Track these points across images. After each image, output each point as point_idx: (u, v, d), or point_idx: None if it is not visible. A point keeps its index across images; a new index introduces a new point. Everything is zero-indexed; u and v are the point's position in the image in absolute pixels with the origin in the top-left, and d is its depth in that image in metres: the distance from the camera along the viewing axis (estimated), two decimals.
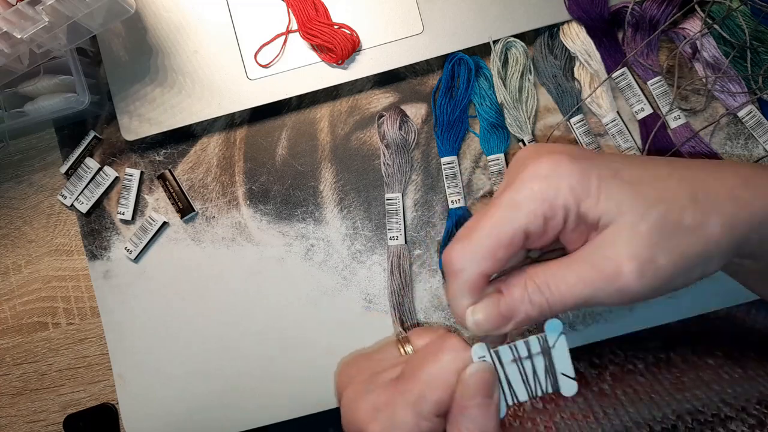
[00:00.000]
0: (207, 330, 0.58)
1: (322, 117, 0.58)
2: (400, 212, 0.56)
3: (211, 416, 0.58)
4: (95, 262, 0.60)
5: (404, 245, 0.56)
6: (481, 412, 0.31)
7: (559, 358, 0.32)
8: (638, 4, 0.52)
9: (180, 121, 0.56)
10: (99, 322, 0.60)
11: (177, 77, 0.56)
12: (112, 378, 0.59)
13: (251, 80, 0.55)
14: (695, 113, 0.54)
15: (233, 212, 0.59)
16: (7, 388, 0.61)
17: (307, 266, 0.58)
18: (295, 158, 0.58)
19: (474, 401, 0.31)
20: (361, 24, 0.54)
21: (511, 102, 0.54)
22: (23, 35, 0.47)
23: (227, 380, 0.58)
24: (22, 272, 0.61)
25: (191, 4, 0.56)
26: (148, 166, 0.59)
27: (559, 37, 0.55)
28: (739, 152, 0.54)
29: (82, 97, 0.55)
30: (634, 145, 0.54)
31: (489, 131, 0.55)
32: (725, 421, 0.44)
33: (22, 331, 0.61)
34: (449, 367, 0.31)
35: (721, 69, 0.52)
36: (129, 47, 0.56)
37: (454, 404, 0.31)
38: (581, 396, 0.50)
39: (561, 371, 0.32)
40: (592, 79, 0.54)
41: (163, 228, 0.59)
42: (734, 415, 0.44)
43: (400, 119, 0.56)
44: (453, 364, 0.31)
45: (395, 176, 0.56)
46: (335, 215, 0.58)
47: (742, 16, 0.51)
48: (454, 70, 0.55)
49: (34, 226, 0.61)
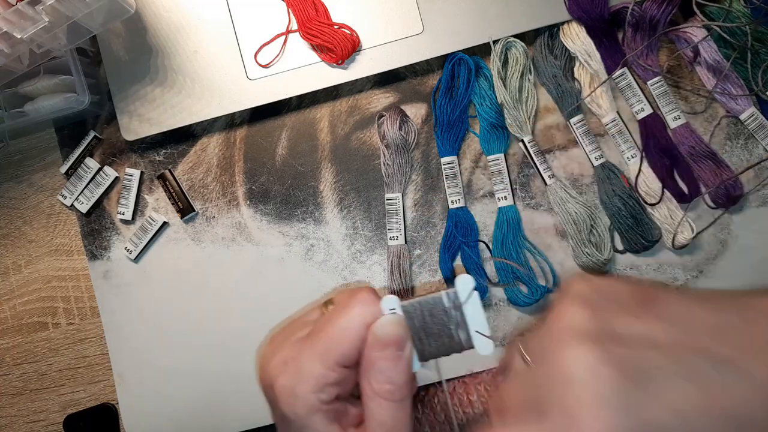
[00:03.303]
0: (207, 330, 0.58)
1: (322, 117, 0.58)
2: (400, 212, 0.56)
3: (211, 416, 0.58)
4: (95, 262, 0.60)
5: (404, 245, 0.56)
6: (390, 365, 0.31)
7: (473, 315, 0.32)
8: (638, 4, 0.52)
9: (180, 121, 0.56)
10: (99, 322, 0.60)
11: (177, 77, 0.56)
12: (112, 378, 0.59)
13: (251, 80, 0.55)
14: (695, 114, 0.54)
15: (233, 212, 0.59)
16: (7, 388, 0.61)
17: (307, 266, 0.58)
18: (295, 158, 0.58)
19: (382, 353, 0.31)
20: (361, 24, 0.54)
21: (511, 102, 0.54)
22: (23, 35, 0.47)
23: (227, 380, 0.58)
24: (22, 272, 0.61)
25: (191, 4, 0.56)
26: (148, 166, 0.59)
27: (559, 37, 0.55)
28: (739, 152, 0.54)
29: (82, 97, 0.55)
30: (634, 145, 0.54)
31: (489, 131, 0.55)
32: None
33: (22, 331, 0.61)
34: (357, 320, 0.31)
35: (722, 72, 0.52)
36: (129, 47, 0.56)
37: (364, 356, 0.31)
38: None
39: (475, 328, 0.32)
40: (592, 79, 0.54)
41: (163, 228, 0.59)
42: None
43: (400, 119, 0.56)
44: (361, 317, 0.31)
45: (395, 176, 0.56)
46: (335, 215, 0.58)
47: (741, 16, 0.51)
48: (454, 70, 0.55)
49: (34, 226, 0.61)
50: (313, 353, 0.31)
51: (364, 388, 0.31)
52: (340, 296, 0.34)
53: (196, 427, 0.58)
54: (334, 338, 0.31)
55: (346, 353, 0.31)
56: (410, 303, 0.32)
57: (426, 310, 0.32)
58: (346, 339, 0.31)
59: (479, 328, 0.32)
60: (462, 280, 0.32)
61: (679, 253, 0.54)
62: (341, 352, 0.31)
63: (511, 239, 0.54)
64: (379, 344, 0.31)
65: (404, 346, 0.31)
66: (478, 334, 0.32)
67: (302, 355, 0.31)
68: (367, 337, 0.31)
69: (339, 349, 0.31)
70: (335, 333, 0.31)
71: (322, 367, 0.31)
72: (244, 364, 0.58)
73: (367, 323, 0.31)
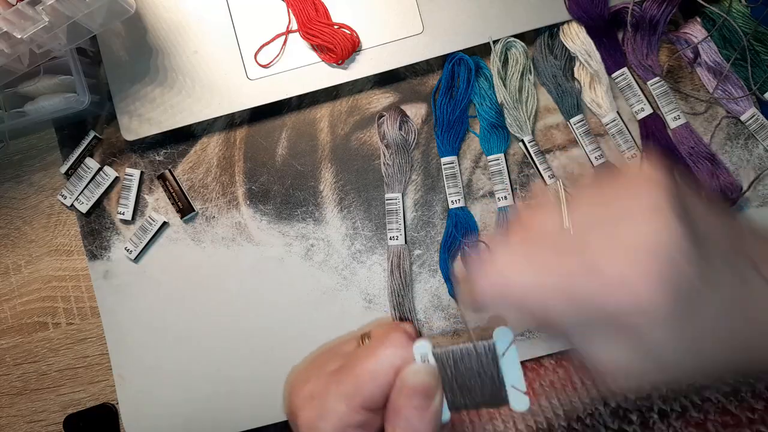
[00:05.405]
0: (207, 330, 0.58)
1: (322, 117, 0.58)
2: (400, 212, 0.56)
3: (211, 416, 0.58)
4: (95, 262, 0.60)
5: (404, 245, 0.56)
6: (416, 414, 0.30)
7: (509, 369, 0.31)
8: (638, 4, 0.52)
9: (180, 121, 0.56)
10: (99, 322, 0.60)
11: (177, 77, 0.56)
12: (112, 378, 0.59)
13: (251, 80, 0.55)
14: (696, 114, 0.54)
15: (233, 212, 0.58)
16: (7, 388, 0.61)
17: (307, 266, 0.58)
18: (295, 158, 0.58)
19: (410, 402, 0.30)
20: (361, 24, 0.54)
21: (511, 102, 0.54)
22: (23, 35, 0.47)
23: (227, 380, 0.58)
24: (22, 272, 0.61)
25: (191, 4, 0.56)
26: (148, 166, 0.59)
27: (559, 37, 0.55)
28: (739, 152, 0.54)
29: (82, 97, 0.55)
30: (634, 145, 0.54)
31: (489, 131, 0.55)
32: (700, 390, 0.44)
33: (22, 331, 0.61)
34: (387, 363, 0.31)
35: (722, 73, 0.52)
36: (129, 47, 0.56)
37: (390, 402, 0.30)
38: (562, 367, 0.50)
39: (510, 383, 0.31)
40: (592, 79, 0.54)
41: (163, 228, 0.59)
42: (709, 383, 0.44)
43: (400, 119, 0.56)
44: (391, 361, 0.31)
45: (395, 176, 0.56)
46: (335, 215, 0.58)
47: (741, 17, 0.51)
48: (454, 70, 0.55)
49: (34, 226, 0.61)
50: (339, 392, 0.30)
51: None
52: (377, 331, 0.34)
53: (196, 427, 0.58)
54: (361, 379, 0.30)
55: (371, 396, 0.30)
56: (444, 351, 0.31)
57: (459, 359, 0.31)
58: (373, 382, 0.30)
59: (515, 383, 0.31)
60: (501, 333, 0.30)
61: None
62: (367, 395, 0.30)
63: None
64: (407, 392, 0.30)
65: (433, 396, 0.30)
66: (513, 389, 0.31)
67: (329, 392, 0.31)
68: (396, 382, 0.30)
69: (365, 392, 0.30)
70: (363, 374, 0.31)
71: (347, 407, 0.30)
72: (244, 364, 0.58)
73: (397, 367, 0.30)
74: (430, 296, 0.56)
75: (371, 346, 0.32)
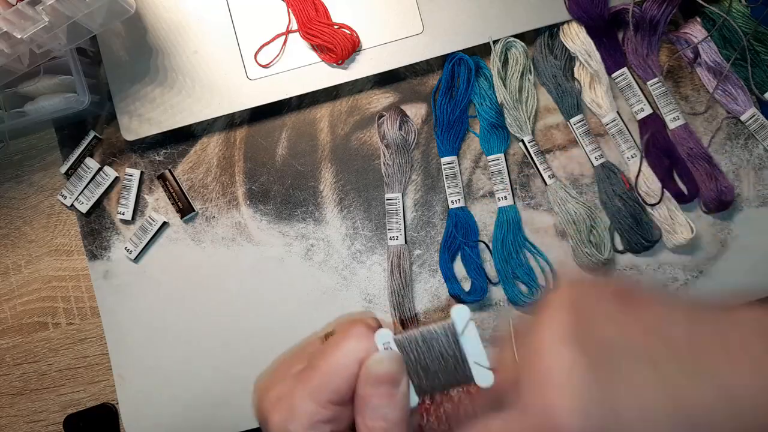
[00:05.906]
0: (207, 330, 0.58)
1: (322, 117, 0.58)
2: (400, 212, 0.56)
3: (211, 416, 0.58)
4: (95, 262, 0.60)
5: (404, 245, 0.56)
6: (384, 402, 0.30)
7: (470, 346, 0.31)
8: (638, 5, 0.52)
9: (180, 121, 0.56)
10: (99, 322, 0.60)
11: (177, 77, 0.56)
12: (112, 378, 0.59)
13: (251, 80, 0.55)
14: (696, 114, 0.54)
15: (233, 212, 0.59)
16: (7, 388, 0.61)
17: (307, 266, 0.58)
18: (295, 158, 0.58)
19: (376, 391, 0.30)
20: (361, 24, 0.54)
21: (511, 102, 0.54)
22: (23, 35, 0.47)
23: (227, 380, 0.58)
24: (22, 272, 0.61)
25: (191, 4, 0.56)
26: (148, 166, 0.59)
27: (559, 37, 0.55)
28: (739, 152, 0.54)
29: (82, 97, 0.55)
30: (634, 145, 0.54)
31: (489, 131, 0.55)
32: None
33: (22, 331, 0.61)
34: (350, 355, 0.31)
35: (722, 73, 0.52)
36: (129, 47, 0.56)
37: (357, 393, 0.30)
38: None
39: (473, 360, 0.31)
40: (592, 79, 0.54)
41: (163, 228, 0.59)
42: None
43: (400, 119, 0.56)
44: (354, 353, 0.31)
45: (395, 176, 0.56)
46: (335, 215, 0.58)
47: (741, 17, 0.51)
48: (454, 70, 0.55)
49: (34, 226, 0.61)
50: (305, 390, 0.31)
51: (359, 425, 0.31)
52: (339, 327, 0.34)
53: (196, 427, 0.58)
54: (326, 375, 0.31)
55: (338, 390, 0.30)
56: (405, 336, 0.31)
57: (421, 343, 0.31)
58: (338, 376, 0.30)
59: (478, 360, 0.31)
60: (457, 311, 0.31)
61: (679, 253, 0.54)
62: (333, 390, 0.30)
63: (511, 239, 0.54)
64: (372, 381, 0.30)
65: (399, 383, 0.31)
66: (477, 365, 0.31)
67: (295, 392, 0.31)
68: (360, 373, 0.30)
69: (331, 387, 0.30)
70: (327, 370, 0.31)
71: (315, 404, 0.30)
72: (244, 363, 0.58)
73: (360, 359, 0.31)
74: (430, 296, 0.56)
75: (333, 342, 0.32)
